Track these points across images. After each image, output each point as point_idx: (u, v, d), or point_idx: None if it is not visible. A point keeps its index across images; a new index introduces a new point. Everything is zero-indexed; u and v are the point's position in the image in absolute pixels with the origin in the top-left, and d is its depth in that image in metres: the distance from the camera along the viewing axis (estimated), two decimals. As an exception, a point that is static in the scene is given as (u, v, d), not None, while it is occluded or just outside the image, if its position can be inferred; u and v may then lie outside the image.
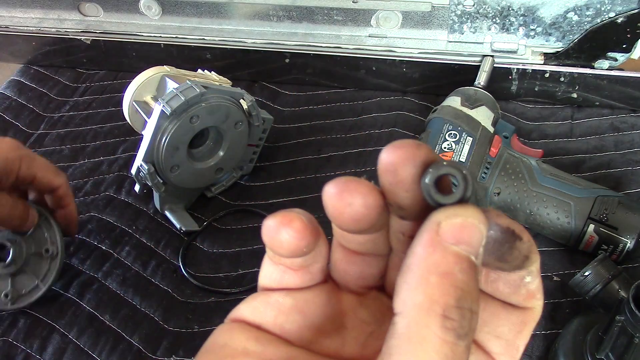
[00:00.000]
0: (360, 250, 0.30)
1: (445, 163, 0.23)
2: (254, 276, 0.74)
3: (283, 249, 0.29)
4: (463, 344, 0.22)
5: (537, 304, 0.27)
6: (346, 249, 0.30)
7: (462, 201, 0.23)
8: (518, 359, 0.28)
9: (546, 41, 0.88)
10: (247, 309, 0.29)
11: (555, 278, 0.71)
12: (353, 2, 0.90)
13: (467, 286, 0.22)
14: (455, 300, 0.22)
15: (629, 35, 0.84)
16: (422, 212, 0.24)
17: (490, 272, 0.27)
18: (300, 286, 0.30)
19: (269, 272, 0.31)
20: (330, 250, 0.31)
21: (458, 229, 0.23)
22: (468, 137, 0.74)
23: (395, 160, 0.25)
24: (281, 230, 0.28)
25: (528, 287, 0.26)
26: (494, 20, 0.88)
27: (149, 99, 0.79)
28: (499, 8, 0.87)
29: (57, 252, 0.71)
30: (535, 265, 0.26)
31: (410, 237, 0.24)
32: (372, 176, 0.26)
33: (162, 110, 0.69)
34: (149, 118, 0.72)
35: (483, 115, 0.77)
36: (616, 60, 0.87)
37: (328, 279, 0.31)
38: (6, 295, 0.69)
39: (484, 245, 0.24)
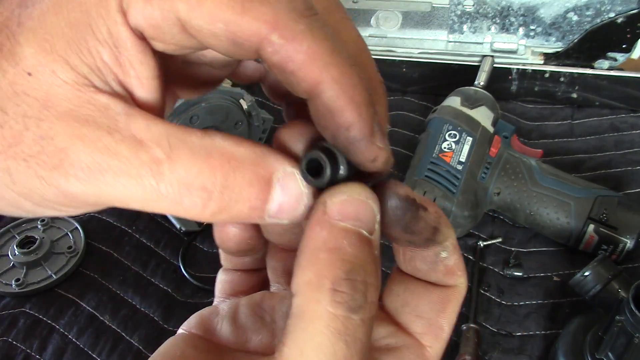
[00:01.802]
0: (285, 245, 0.31)
1: (317, 145, 0.24)
2: (254, 276, 0.74)
3: (230, 242, 0.30)
4: (357, 317, 0.22)
5: (459, 282, 0.28)
6: (275, 246, 0.32)
7: (334, 181, 0.24)
8: (444, 339, 0.28)
9: (546, 41, 0.89)
10: (193, 319, 0.30)
11: (555, 278, 0.71)
12: (353, 2, 0.90)
13: (358, 259, 0.23)
14: (345, 273, 0.22)
15: (629, 35, 0.84)
16: None
17: (407, 251, 0.27)
18: (246, 289, 0.32)
19: (221, 280, 0.33)
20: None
21: (343, 205, 0.24)
22: (468, 137, 0.74)
23: (284, 145, 0.26)
24: (227, 225, 0.30)
25: (445, 263, 0.27)
26: (494, 20, 0.88)
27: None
28: (499, 8, 0.87)
29: (79, 250, 0.76)
30: (450, 241, 0.26)
31: None
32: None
33: (162, 110, 0.69)
34: (149, 118, 0.72)
35: (483, 115, 0.77)
36: (616, 60, 0.87)
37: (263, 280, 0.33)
38: (17, 280, 0.72)
39: (388, 217, 0.25)
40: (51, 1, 0.23)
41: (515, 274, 0.71)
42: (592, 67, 0.88)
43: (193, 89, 0.31)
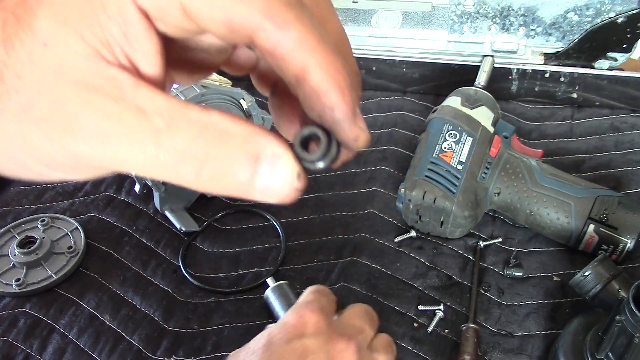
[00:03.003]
0: None
1: (309, 126, 0.27)
2: (254, 276, 0.74)
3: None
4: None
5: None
6: None
7: (326, 155, 0.26)
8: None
9: (546, 41, 0.89)
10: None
11: (555, 278, 0.71)
12: (353, 2, 0.90)
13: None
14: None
15: (629, 35, 0.84)
16: None
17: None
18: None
19: None
20: None
21: None
22: (468, 137, 0.74)
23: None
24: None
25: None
26: (494, 20, 0.88)
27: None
28: (499, 8, 0.87)
29: (79, 250, 0.76)
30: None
31: None
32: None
33: (162, 110, 0.68)
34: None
35: (483, 115, 0.77)
36: (616, 60, 0.87)
37: None
38: (17, 280, 0.72)
39: None
40: None
41: (515, 274, 0.71)
42: (592, 67, 0.88)
43: (189, 73, 0.33)
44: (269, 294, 0.68)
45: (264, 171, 0.25)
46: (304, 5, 0.26)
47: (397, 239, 0.76)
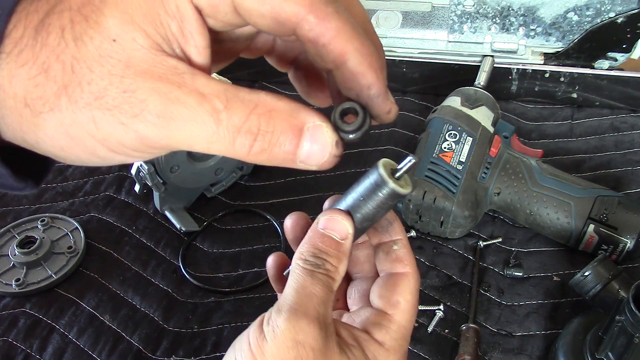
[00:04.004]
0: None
1: (347, 101, 0.31)
2: (254, 276, 0.74)
3: None
4: (320, 271, 0.36)
5: (406, 269, 0.40)
6: None
7: (361, 127, 0.31)
8: (403, 309, 0.39)
9: (546, 41, 0.89)
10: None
11: (555, 278, 0.71)
12: (353, 2, 0.90)
13: (323, 247, 0.37)
14: (312, 253, 0.37)
15: (629, 35, 0.84)
16: None
17: (377, 246, 0.41)
18: None
19: None
20: None
21: (326, 220, 0.37)
22: (468, 137, 0.74)
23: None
24: None
25: (396, 253, 0.40)
26: (494, 20, 0.88)
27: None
28: (499, 8, 0.87)
29: (79, 250, 0.76)
30: (400, 238, 0.40)
31: None
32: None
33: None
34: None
35: (483, 115, 0.77)
36: (616, 60, 0.87)
37: None
38: (17, 280, 0.72)
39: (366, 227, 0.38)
40: None
41: (515, 274, 0.71)
42: (592, 67, 0.88)
43: (217, 61, 0.36)
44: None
45: (307, 141, 0.29)
46: None
47: (397, 239, 0.76)
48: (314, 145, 0.30)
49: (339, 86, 0.32)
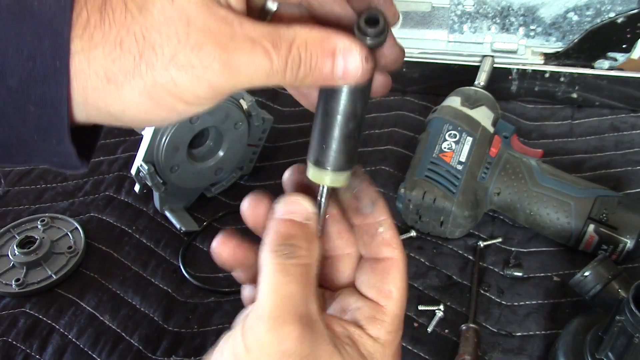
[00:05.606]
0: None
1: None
2: (254, 276, 0.74)
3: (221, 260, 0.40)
4: (292, 262, 0.35)
5: (394, 253, 0.39)
6: None
7: (383, 31, 0.34)
8: (395, 298, 0.39)
9: (546, 41, 0.89)
10: None
11: (555, 278, 0.71)
12: (353, 2, 0.90)
13: (287, 232, 0.36)
14: (278, 242, 0.36)
15: (629, 35, 0.84)
16: None
17: (359, 230, 0.40)
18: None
19: None
20: None
21: (280, 205, 0.38)
22: (468, 137, 0.74)
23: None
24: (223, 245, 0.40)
25: (383, 236, 0.39)
26: (494, 20, 0.88)
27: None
28: (499, 8, 0.87)
29: (79, 250, 0.76)
30: (385, 219, 0.39)
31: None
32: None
33: (162, 110, 0.68)
34: (149, 118, 0.72)
35: (483, 115, 0.77)
36: (616, 60, 0.87)
37: None
38: (17, 280, 0.72)
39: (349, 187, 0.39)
40: None
41: (515, 274, 0.71)
42: (592, 67, 0.88)
43: None
44: None
45: (340, 61, 0.33)
46: None
47: (397, 239, 0.76)
48: (347, 63, 0.33)
49: (350, 3, 0.36)
